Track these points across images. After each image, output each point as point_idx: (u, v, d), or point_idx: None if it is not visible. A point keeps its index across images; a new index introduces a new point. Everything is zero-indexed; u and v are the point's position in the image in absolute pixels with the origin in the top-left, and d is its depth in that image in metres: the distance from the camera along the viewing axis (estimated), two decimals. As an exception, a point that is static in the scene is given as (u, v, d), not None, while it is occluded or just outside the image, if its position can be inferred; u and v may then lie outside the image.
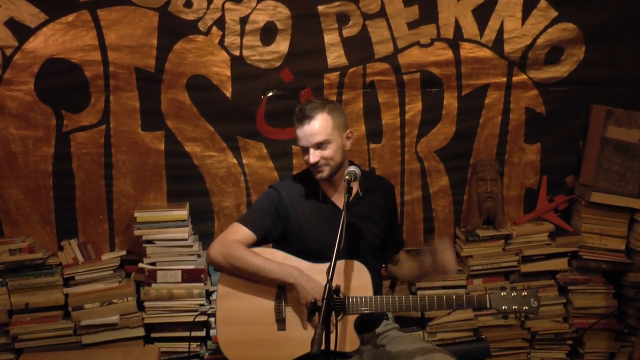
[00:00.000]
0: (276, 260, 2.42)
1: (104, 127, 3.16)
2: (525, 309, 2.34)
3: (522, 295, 2.36)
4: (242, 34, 3.13)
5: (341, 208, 2.35)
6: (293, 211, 2.50)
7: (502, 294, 2.37)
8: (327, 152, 2.42)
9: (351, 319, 2.34)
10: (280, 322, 2.39)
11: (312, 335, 2.28)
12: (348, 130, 2.52)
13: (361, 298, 2.34)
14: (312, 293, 2.32)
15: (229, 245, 2.44)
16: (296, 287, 2.35)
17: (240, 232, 2.48)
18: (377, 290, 2.45)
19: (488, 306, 2.37)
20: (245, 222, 2.50)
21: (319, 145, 2.41)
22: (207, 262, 2.60)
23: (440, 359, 2.32)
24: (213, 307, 3.04)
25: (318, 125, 2.41)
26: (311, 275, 2.37)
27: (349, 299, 2.34)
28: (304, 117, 2.41)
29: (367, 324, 2.47)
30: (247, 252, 2.42)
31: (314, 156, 2.41)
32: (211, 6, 3.09)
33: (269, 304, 2.41)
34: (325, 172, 2.44)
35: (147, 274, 3.08)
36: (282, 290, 2.42)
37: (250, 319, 2.40)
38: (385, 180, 2.79)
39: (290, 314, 2.40)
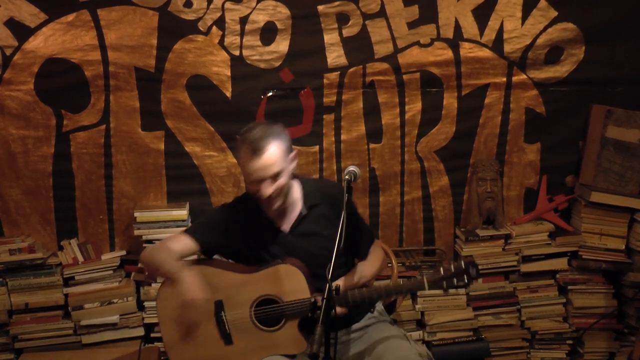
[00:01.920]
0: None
1: (104, 127, 3.16)
2: (464, 276, 2.23)
3: (461, 266, 2.23)
4: (242, 33, 3.13)
5: (285, 230, 2.33)
6: (240, 232, 2.39)
7: (441, 269, 2.25)
8: (281, 180, 2.25)
9: (294, 322, 2.30)
10: (226, 337, 2.34)
11: (262, 343, 2.26)
12: (293, 152, 2.33)
13: (297, 301, 2.27)
14: (189, 289, 2.23)
15: (160, 245, 2.39)
16: (177, 281, 2.27)
17: (182, 241, 2.37)
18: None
19: (426, 288, 2.25)
20: (190, 232, 2.40)
21: (274, 177, 2.23)
22: (140, 261, 2.54)
23: (398, 344, 2.26)
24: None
25: (271, 156, 2.21)
26: (243, 286, 2.32)
27: (287, 303, 2.28)
28: (255, 150, 2.19)
29: (342, 321, 2.35)
30: (167, 252, 2.33)
31: (268, 189, 2.23)
32: (211, 6, 3.09)
33: (211, 322, 2.35)
34: (279, 202, 2.29)
35: (147, 274, 3.08)
36: (220, 306, 2.34)
37: (196, 337, 2.34)
38: (329, 186, 2.52)
39: (234, 327, 2.34)
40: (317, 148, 3.28)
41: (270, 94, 3.21)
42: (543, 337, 3.33)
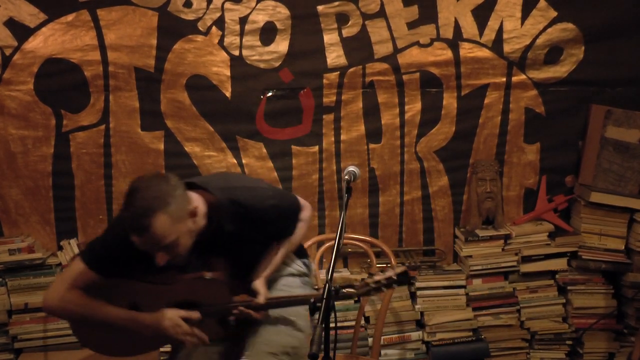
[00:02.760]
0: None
1: (103, 127, 3.16)
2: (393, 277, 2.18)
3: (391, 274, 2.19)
4: (241, 34, 3.13)
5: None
6: (150, 256, 2.07)
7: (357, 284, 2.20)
8: (177, 248, 2.03)
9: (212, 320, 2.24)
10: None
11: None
12: (191, 207, 2.02)
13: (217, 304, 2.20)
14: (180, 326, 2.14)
15: (66, 291, 2.14)
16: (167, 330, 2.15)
17: (83, 276, 2.15)
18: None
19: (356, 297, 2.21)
20: (88, 262, 2.15)
21: (166, 247, 2.00)
22: (44, 310, 2.26)
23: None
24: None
25: (157, 230, 1.94)
26: (157, 292, 2.20)
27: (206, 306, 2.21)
28: (138, 229, 1.94)
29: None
30: (93, 301, 2.14)
31: (162, 259, 2.02)
32: (211, 6, 3.09)
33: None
34: (180, 261, 2.09)
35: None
36: (134, 308, 2.20)
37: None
38: (245, 211, 2.14)
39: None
40: (316, 148, 3.28)
41: (270, 94, 3.21)
42: (542, 337, 3.33)
